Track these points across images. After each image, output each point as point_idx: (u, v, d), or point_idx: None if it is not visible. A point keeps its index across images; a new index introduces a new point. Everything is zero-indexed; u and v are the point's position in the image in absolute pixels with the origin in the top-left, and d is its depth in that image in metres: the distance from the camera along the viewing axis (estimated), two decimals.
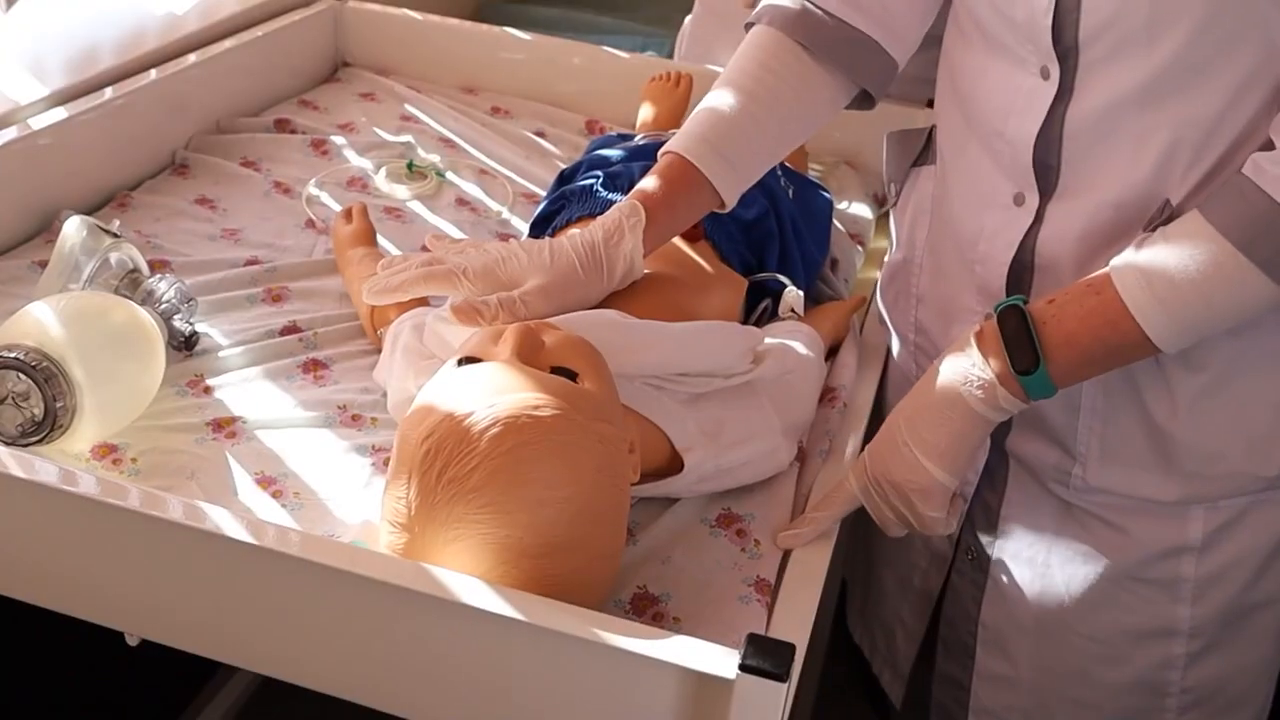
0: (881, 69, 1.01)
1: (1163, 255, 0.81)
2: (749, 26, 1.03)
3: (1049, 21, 0.85)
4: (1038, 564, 1.04)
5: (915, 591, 1.19)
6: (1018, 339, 0.84)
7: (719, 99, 1.00)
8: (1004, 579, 1.07)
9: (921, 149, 1.08)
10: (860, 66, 1.00)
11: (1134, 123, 0.85)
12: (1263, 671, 1.06)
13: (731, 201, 1.01)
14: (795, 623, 0.80)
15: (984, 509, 1.08)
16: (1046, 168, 0.91)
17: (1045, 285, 0.93)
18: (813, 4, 0.99)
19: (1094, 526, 1.00)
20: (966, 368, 0.86)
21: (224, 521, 0.76)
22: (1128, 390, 0.93)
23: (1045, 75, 0.88)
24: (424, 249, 0.99)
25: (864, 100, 1.04)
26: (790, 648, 0.67)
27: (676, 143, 0.99)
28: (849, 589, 1.39)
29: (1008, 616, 1.07)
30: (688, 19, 1.84)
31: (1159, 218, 0.85)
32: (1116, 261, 0.84)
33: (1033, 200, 0.92)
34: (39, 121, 1.22)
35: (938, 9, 1.02)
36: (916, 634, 1.21)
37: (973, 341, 0.86)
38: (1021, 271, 0.94)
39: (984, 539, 1.08)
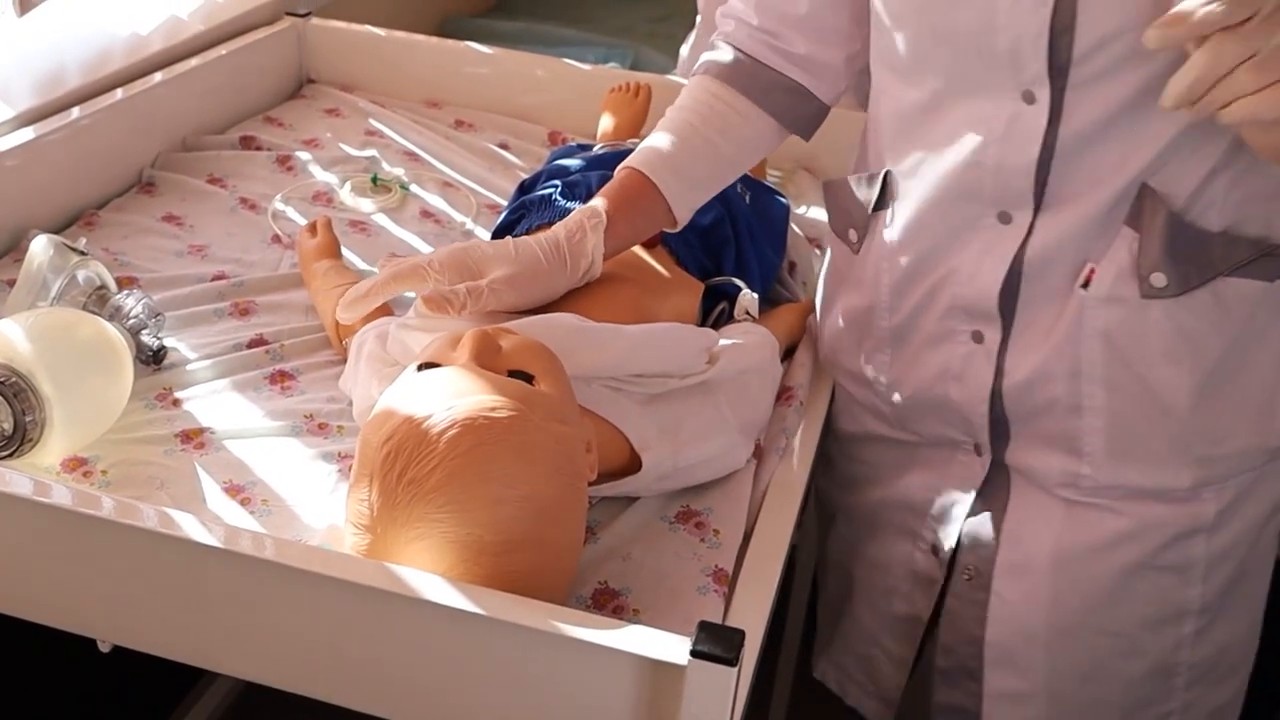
0: (810, 112, 1.09)
1: None
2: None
3: (1045, 43, 0.85)
4: (1044, 571, 1.02)
5: (898, 618, 1.16)
6: None
7: (672, 124, 1.06)
8: (1009, 594, 1.05)
9: (880, 192, 1.04)
10: (789, 111, 1.08)
11: (1126, 131, 0.87)
12: (1251, 635, 1.08)
13: (684, 220, 1.06)
14: (751, 611, 0.83)
15: (983, 526, 1.06)
16: (1035, 185, 0.91)
17: (1034, 292, 0.94)
18: (743, 53, 1.06)
19: (1105, 522, 1.00)
20: None
21: (195, 528, 0.78)
22: (1133, 384, 0.93)
23: (1030, 99, 0.88)
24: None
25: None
26: (740, 634, 0.70)
27: (634, 160, 1.04)
28: (819, 632, 1.33)
29: (1018, 630, 1.05)
30: (684, 45, 1.85)
31: (1137, 205, 0.88)
32: None
33: (1023, 217, 0.93)
34: (6, 143, 1.23)
35: (865, 53, 1.05)
36: (905, 661, 1.17)
37: None
38: (1014, 281, 0.95)
39: (984, 556, 1.06)
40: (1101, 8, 0.83)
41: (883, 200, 1.03)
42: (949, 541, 1.08)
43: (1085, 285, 0.92)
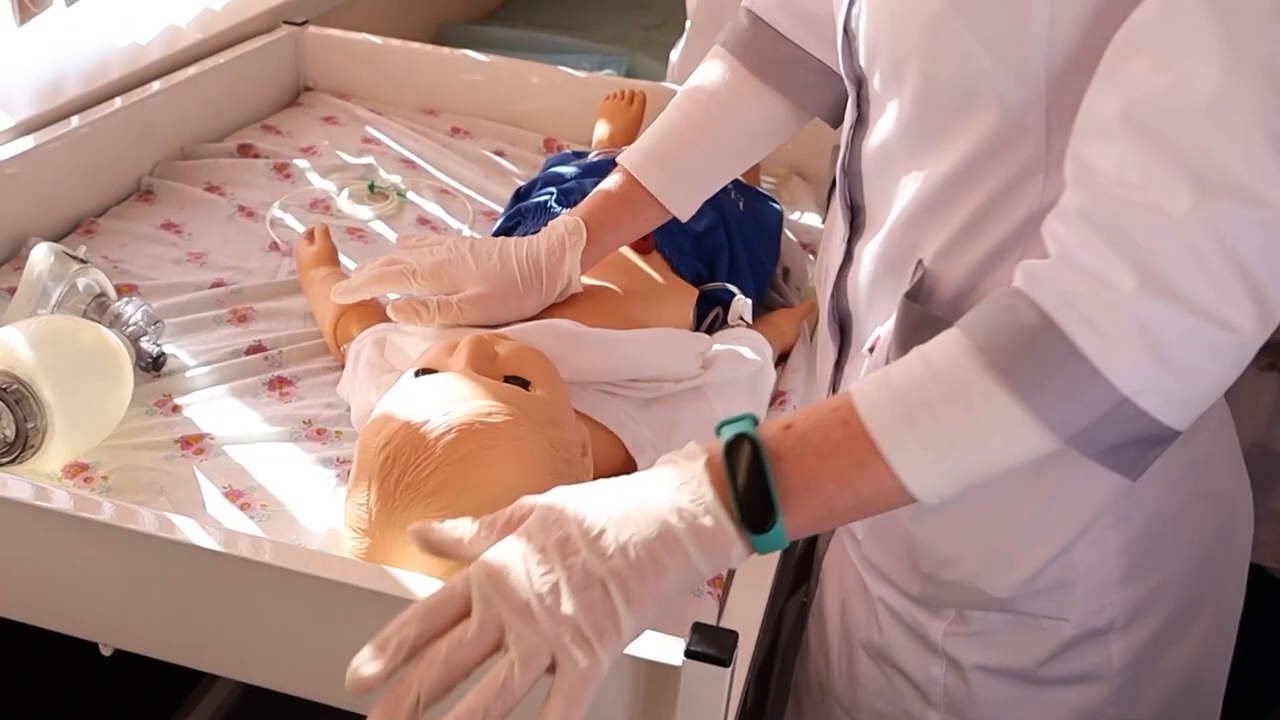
0: (832, 94, 0.99)
1: (918, 380, 0.64)
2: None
3: (841, 43, 0.82)
4: (833, 623, 0.99)
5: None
6: (751, 486, 0.62)
7: (672, 114, 1.04)
8: (812, 634, 1.03)
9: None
10: (807, 91, 1.00)
11: (901, 166, 0.79)
12: None
13: (683, 212, 1.04)
14: (745, 613, 0.84)
15: (816, 561, 1.05)
16: (856, 204, 0.87)
17: (858, 328, 0.88)
18: (764, 23, 0.99)
19: (864, 595, 0.95)
20: (689, 507, 0.62)
21: (195, 532, 0.79)
22: None
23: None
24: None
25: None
26: (733, 635, 0.71)
27: (625, 158, 1.04)
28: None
29: (804, 674, 1.04)
30: (674, 51, 1.85)
31: (915, 277, 0.79)
32: (863, 385, 0.65)
33: (849, 239, 0.88)
34: (6, 151, 1.24)
35: None
36: None
37: (703, 475, 0.63)
38: (843, 314, 0.90)
39: (815, 590, 1.03)
40: (866, 19, 0.78)
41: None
42: None
43: (871, 350, 0.85)
